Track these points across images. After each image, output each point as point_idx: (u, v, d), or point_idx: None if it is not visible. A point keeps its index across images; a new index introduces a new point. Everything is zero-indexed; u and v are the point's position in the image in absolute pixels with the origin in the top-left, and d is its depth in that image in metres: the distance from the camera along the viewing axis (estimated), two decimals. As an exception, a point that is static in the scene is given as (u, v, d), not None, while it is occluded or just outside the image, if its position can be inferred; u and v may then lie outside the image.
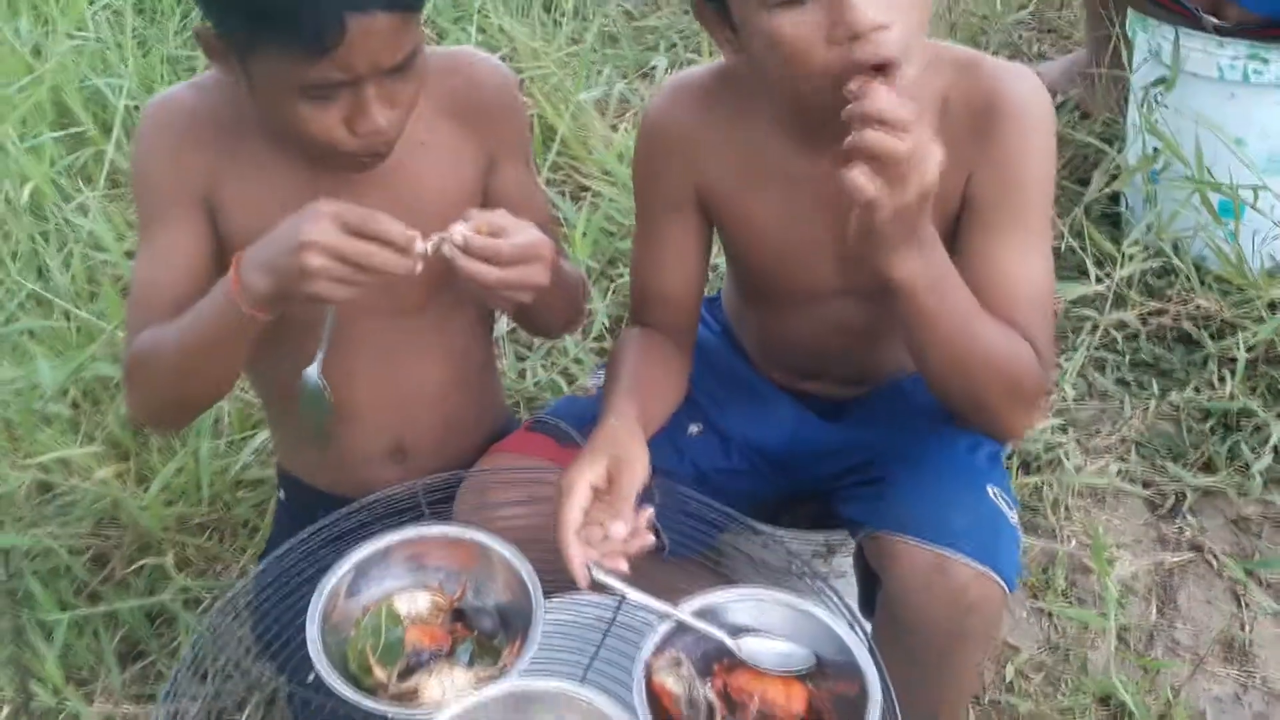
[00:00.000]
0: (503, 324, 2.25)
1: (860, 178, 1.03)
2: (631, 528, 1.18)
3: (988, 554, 1.20)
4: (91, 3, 3.07)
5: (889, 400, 1.46)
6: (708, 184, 1.36)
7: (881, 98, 1.03)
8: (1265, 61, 2.08)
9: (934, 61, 1.27)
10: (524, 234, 1.18)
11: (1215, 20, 2.12)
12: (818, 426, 1.48)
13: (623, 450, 1.21)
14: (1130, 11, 2.30)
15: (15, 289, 2.19)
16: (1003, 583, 1.21)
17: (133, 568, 1.85)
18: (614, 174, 2.49)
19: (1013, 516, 1.28)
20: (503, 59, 2.80)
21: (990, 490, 1.27)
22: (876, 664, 1.11)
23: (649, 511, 1.20)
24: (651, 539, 1.19)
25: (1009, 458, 1.97)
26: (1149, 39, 2.24)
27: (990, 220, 1.25)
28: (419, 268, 1.14)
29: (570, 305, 1.47)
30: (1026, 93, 1.25)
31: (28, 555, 1.86)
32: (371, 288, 1.14)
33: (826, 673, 1.16)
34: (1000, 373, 1.21)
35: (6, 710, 1.69)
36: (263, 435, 1.97)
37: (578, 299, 1.49)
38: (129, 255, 2.22)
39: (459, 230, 1.16)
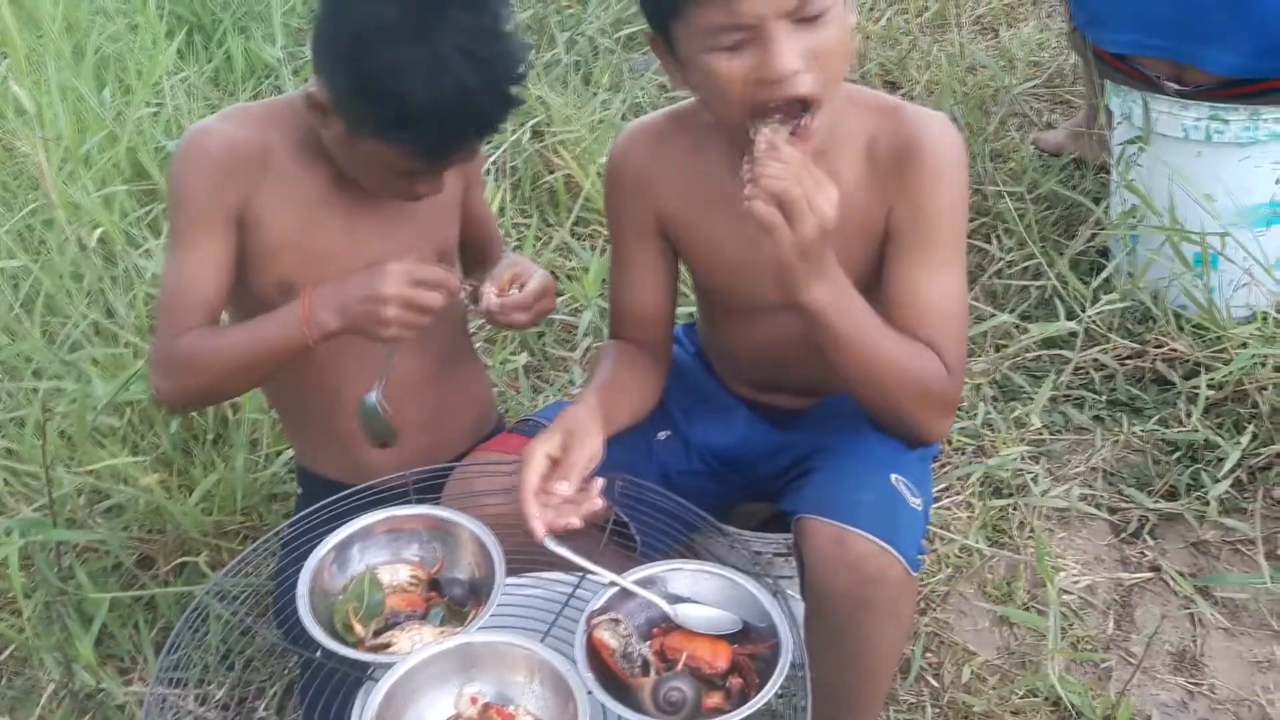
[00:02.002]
0: (522, 358, 2.44)
1: (760, 206, 1.24)
2: (577, 489, 1.34)
3: (885, 531, 1.32)
4: (169, 75, 3.35)
5: (828, 410, 1.60)
6: (666, 212, 1.54)
7: (770, 162, 1.24)
8: (1226, 122, 2.23)
9: (861, 108, 1.45)
10: (536, 278, 1.51)
11: (1176, 85, 2.27)
12: (766, 433, 1.64)
13: (577, 426, 1.38)
14: (1107, 81, 2.45)
15: (80, 320, 2.42)
16: (900, 557, 1.33)
17: (171, 565, 2.04)
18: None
19: (915, 503, 1.41)
20: (538, 124, 3.04)
21: (893, 478, 1.40)
22: (792, 627, 1.26)
23: (600, 482, 1.36)
24: (600, 504, 1.35)
25: (984, 481, 2.10)
26: (1120, 104, 2.39)
27: (905, 246, 1.42)
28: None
29: None
30: (940, 135, 1.42)
31: (79, 556, 2.06)
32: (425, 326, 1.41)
33: (751, 636, 1.30)
34: (909, 383, 1.38)
35: (50, 689, 1.88)
36: (291, 452, 2.15)
37: None
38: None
39: (492, 295, 1.50)
